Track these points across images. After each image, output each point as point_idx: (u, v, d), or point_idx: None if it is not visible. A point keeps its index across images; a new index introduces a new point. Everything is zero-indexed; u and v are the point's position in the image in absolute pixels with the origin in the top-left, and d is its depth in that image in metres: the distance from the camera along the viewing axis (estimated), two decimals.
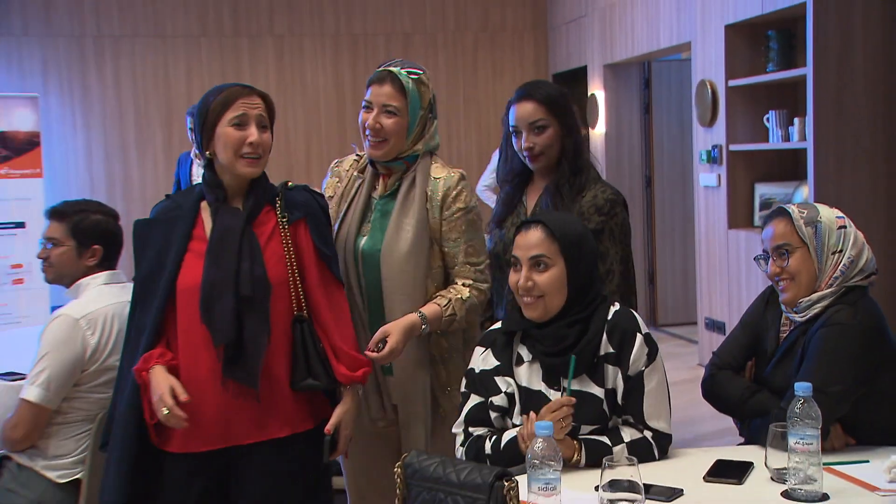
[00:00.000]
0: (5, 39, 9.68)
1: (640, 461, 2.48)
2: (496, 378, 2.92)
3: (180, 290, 2.97)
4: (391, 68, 3.32)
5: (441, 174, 3.38)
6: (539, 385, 2.87)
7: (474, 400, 2.95)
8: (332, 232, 3.30)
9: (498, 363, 2.93)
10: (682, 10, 8.20)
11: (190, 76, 10.14)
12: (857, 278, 3.04)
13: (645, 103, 9.90)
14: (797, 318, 3.06)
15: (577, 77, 10.10)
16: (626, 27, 9.19)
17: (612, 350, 2.84)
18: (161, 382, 2.86)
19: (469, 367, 3.02)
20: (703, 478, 2.74)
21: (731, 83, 7.52)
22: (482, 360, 2.97)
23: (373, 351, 3.15)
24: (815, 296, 3.02)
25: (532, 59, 10.92)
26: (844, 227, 3.07)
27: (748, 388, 3.13)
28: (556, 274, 2.85)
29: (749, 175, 7.66)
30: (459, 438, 2.97)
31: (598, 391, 2.82)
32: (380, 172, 3.43)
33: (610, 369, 2.83)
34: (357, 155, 3.59)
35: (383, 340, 3.17)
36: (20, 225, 8.68)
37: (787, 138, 7.09)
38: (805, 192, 6.85)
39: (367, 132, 3.31)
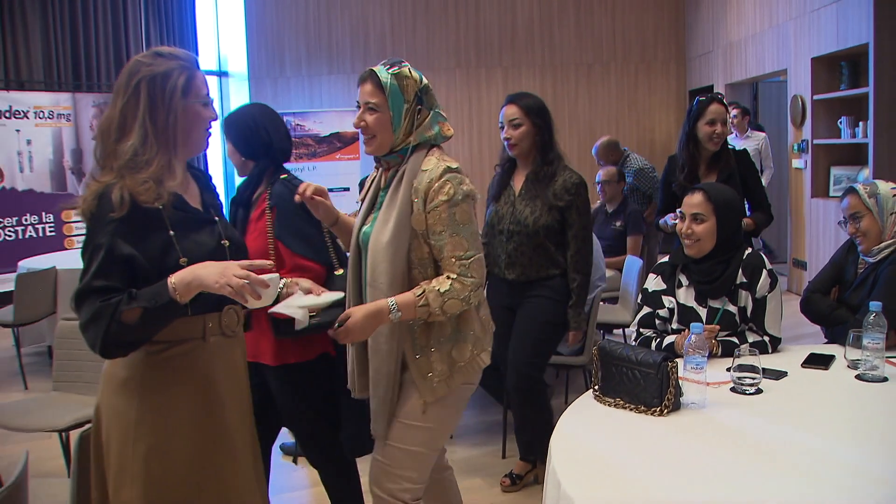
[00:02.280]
0: (340, 77, 10.08)
1: (759, 354, 2.47)
2: (662, 296, 2.89)
3: None
4: (374, 67, 2.35)
5: (429, 166, 2.27)
6: (692, 303, 2.83)
7: (645, 310, 2.92)
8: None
9: (665, 286, 2.91)
10: (781, 47, 7.82)
11: (448, 96, 10.18)
12: None
13: (754, 111, 9.48)
14: (870, 259, 2.97)
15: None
16: (742, 58, 8.81)
17: (745, 280, 2.78)
18: None
19: (644, 286, 2.97)
20: (801, 365, 2.71)
21: (816, 97, 7.20)
22: (654, 282, 2.93)
23: (335, 329, 2.19)
24: (882, 245, 2.94)
25: (675, 82, 10.53)
26: None
27: (832, 305, 3.06)
28: (709, 226, 2.78)
29: (826, 161, 7.33)
30: (633, 335, 2.96)
31: (733, 308, 2.78)
32: (382, 167, 2.41)
33: (742, 293, 2.78)
34: None
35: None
36: (346, 189, 8.90)
37: (853, 136, 6.81)
38: (866, 172, 6.58)
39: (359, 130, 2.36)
